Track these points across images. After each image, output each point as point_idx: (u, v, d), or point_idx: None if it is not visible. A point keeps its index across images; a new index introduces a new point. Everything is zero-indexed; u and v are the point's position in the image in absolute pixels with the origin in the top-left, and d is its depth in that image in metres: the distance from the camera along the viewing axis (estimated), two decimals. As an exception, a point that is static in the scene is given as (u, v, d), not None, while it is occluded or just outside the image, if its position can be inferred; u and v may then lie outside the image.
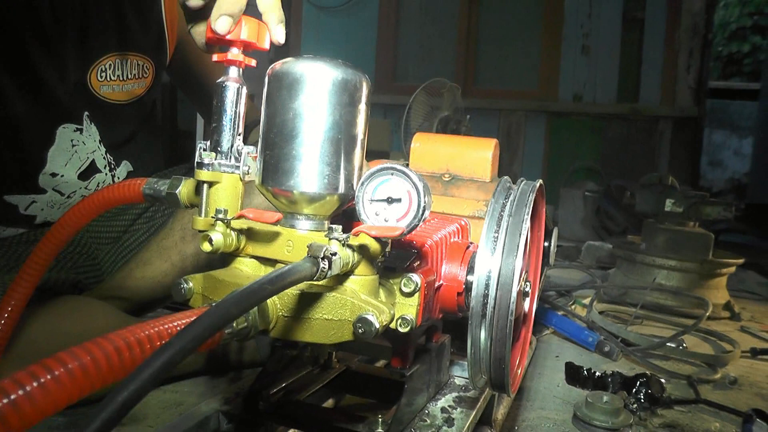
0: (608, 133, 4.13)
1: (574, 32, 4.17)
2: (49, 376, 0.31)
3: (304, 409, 0.73)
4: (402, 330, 0.56)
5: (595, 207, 3.38)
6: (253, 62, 0.58)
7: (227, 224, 0.54)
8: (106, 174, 1.07)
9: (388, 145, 3.30)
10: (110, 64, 1.03)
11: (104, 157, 1.07)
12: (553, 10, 4.21)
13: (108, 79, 1.03)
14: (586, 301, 1.71)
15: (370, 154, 0.58)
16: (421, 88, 2.70)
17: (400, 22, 4.56)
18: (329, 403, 0.86)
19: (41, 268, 0.68)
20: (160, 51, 1.11)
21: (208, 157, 0.56)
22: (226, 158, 0.56)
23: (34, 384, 0.30)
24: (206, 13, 0.58)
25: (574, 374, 1.15)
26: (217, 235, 0.53)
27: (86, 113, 1.03)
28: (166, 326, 0.39)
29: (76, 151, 1.03)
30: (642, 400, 1.05)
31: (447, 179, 0.96)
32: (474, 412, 0.76)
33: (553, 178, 4.02)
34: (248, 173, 0.57)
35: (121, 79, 1.04)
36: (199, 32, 0.61)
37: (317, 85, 0.53)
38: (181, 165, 1.22)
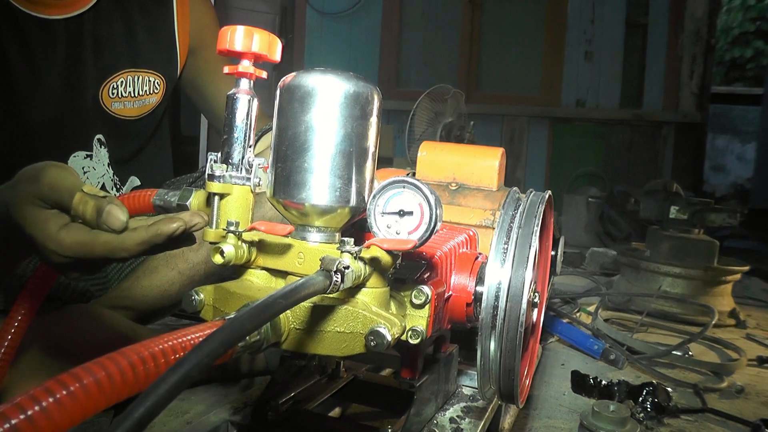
0: (611, 139, 4.14)
1: (577, 38, 4.18)
2: (64, 392, 0.31)
3: (313, 419, 0.73)
4: (413, 341, 0.56)
5: (599, 213, 3.38)
6: (264, 74, 0.58)
7: (239, 236, 0.54)
8: (114, 195, 1.08)
9: (391, 151, 3.30)
10: (122, 81, 1.04)
11: (112, 179, 1.08)
12: (555, 15, 4.22)
13: (120, 95, 1.04)
14: (591, 308, 1.71)
15: (374, 161, 0.58)
16: (425, 94, 2.70)
17: (402, 27, 4.57)
18: (336, 412, 0.86)
19: (50, 277, 0.69)
20: (170, 65, 1.12)
21: (219, 169, 0.56)
22: (237, 170, 0.56)
23: (50, 400, 0.30)
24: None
25: (581, 383, 1.15)
26: (229, 248, 0.53)
27: (96, 137, 1.04)
28: (181, 341, 0.39)
29: (87, 177, 1.04)
30: (648, 409, 1.05)
31: (454, 188, 0.96)
32: (482, 422, 0.75)
33: (556, 183, 4.02)
34: (259, 185, 0.57)
35: (132, 95, 1.05)
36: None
37: (329, 98, 0.53)
38: (187, 174, 1.22)
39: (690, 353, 1.39)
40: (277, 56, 0.58)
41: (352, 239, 0.51)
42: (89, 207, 0.56)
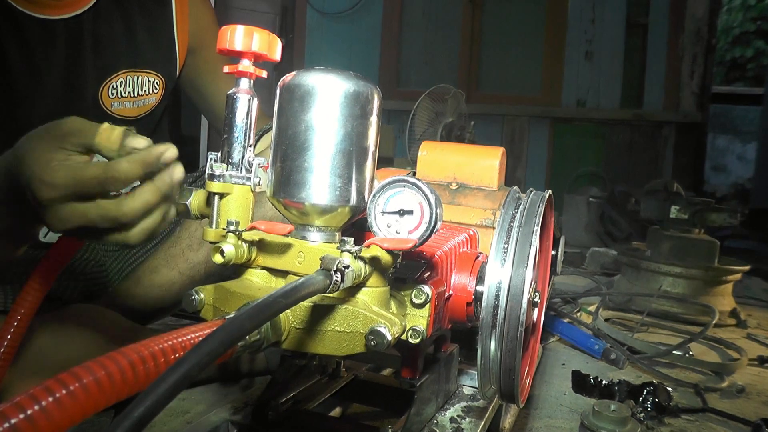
0: (612, 139, 4.13)
1: (577, 38, 4.17)
2: (64, 391, 0.31)
3: (313, 419, 0.73)
4: (413, 341, 0.56)
5: (599, 213, 3.38)
6: (264, 73, 0.58)
7: (239, 236, 0.54)
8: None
9: (391, 150, 3.30)
10: (121, 81, 1.04)
11: None
12: (556, 15, 4.22)
13: (119, 96, 1.04)
14: (592, 308, 1.71)
15: (374, 161, 0.58)
16: (425, 94, 2.70)
17: (403, 27, 4.57)
18: (336, 411, 0.86)
19: (50, 277, 0.69)
20: (170, 65, 1.11)
21: (219, 169, 0.56)
22: (237, 170, 0.56)
23: (50, 399, 0.30)
24: None
25: (581, 382, 1.15)
26: (229, 247, 0.53)
27: None
28: (180, 340, 0.39)
29: None
30: (649, 409, 1.05)
31: (454, 188, 0.96)
32: (483, 422, 0.75)
33: (556, 183, 4.02)
34: (259, 184, 0.57)
35: (132, 95, 1.05)
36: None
37: (329, 97, 0.53)
38: (187, 174, 1.22)
39: (691, 353, 1.39)
40: (277, 56, 0.58)
41: (352, 238, 0.51)
42: (116, 132, 0.59)
